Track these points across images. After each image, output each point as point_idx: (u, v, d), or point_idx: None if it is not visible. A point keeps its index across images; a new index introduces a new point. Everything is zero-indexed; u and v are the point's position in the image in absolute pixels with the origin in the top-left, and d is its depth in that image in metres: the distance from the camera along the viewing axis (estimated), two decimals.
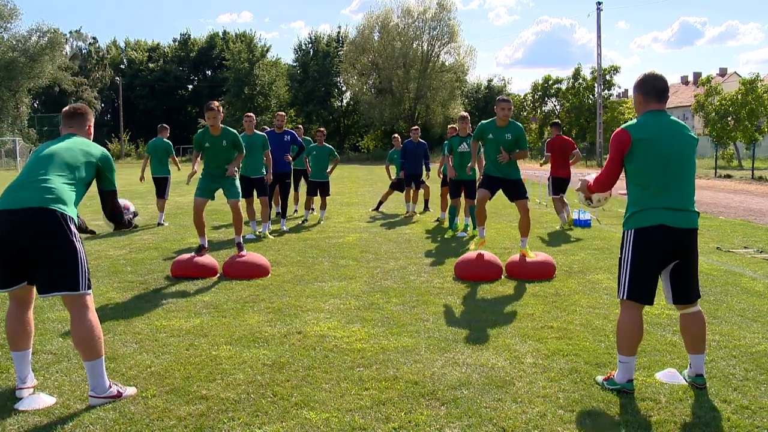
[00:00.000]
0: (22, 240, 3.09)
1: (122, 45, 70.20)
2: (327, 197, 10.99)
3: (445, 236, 9.00)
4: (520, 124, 6.57)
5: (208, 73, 68.71)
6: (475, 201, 6.71)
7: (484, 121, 6.66)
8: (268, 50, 61.16)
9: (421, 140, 11.17)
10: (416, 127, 11.65)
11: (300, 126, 11.80)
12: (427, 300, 5.37)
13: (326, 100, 60.31)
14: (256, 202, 9.21)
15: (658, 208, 3.27)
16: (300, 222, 10.85)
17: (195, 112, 65.12)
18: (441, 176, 10.96)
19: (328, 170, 11.07)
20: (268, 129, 9.82)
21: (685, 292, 3.39)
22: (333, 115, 62.54)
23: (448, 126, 10.43)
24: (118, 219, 3.67)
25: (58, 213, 3.12)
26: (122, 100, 56.47)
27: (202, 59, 68.11)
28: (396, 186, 12.51)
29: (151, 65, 66.61)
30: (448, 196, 9.94)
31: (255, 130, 8.75)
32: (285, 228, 9.55)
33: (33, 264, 3.14)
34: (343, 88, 61.94)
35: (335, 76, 59.51)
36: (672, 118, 3.41)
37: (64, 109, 3.51)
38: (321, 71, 58.39)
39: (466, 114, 9.06)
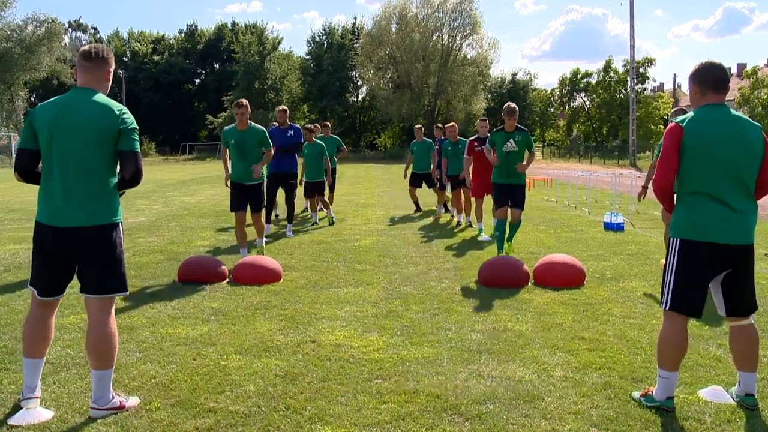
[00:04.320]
0: (70, 251, 3.22)
1: (125, 36, 70.79)
2: (321, 196, 10.85)
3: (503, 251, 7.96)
4: (526, 130, 7.49)
5: (216, 66, 69.10)
6: (495, 212, 7.73)
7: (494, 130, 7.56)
8: (279, 42, 61.41)
9: (461, 137, 10.95)
10: (453, 123, 11.26)
11: (313, 126, 11.14)
12: (449, 307, 5.33)
13: (341, 95, 60.46)
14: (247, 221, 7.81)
15: (708, 219, 3.13)
16: (310, 225, 10.86)
17: (203, 107, 65.42)
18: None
19: (336, 160, 11.72)
20: (275, 125, 9.83)
21: (741, 304, 3.26)
22: (348, 111, 62.71)
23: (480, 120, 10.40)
24: (135, 183, 3.34)
25: (105, 226, 3.23)
26: (125, 94, 56.90)
27: (210, 51, 68.55)
28: (422, 184, 12.45)
29: (155, 58, 66.98)
30: (473, 201, 9.99)
31: (251, 123, 7.23)
32: (290, 234, 9.53)
33: (80, 268, 3.27)
34: (359, 83, 62.10)
35: (351, 69, 59.69)
36: (734, 113, 3.23)
37: (82, 49, 3.35)
38: (336, 65, 58.55)
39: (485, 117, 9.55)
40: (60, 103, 3.25)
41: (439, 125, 13.50)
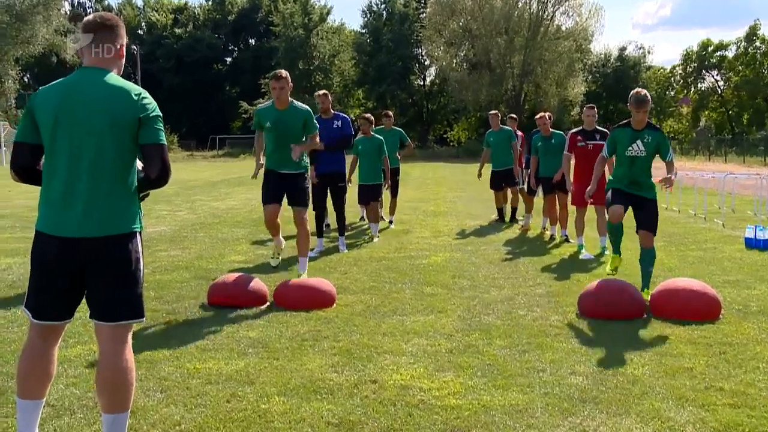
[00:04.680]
0: (77, 266, 3.24)
1: (140, 4, 72.59)
2: (376, 204, 10.91)
3: (608, 271, 7.42)
4: (659, 128, 6.94)
5: (252, 41, 70.52)
6: (607, 216, 6.95)
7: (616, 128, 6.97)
8: (328, 12, 62.44)
9: (555, 131, 10.79)
10: (543, 114, 10.88)
11: (365, 117, 11.02)
12: (543, 343, 5.27)
13: (404, 77, 60.87)
14: (286, 216, 7.78)
15: None
16: (368, 238, 10.93)
17: (235, 92, 66.63)
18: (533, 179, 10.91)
19: (399, 157, 12.21)
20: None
21: None
22: (413, 97, 63.05)
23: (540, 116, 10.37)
24: (162, 183, 3.37)
25: (121, 236, 3.25)
26: (141, 75, 57.65)
27: (244, 24, 69.80)
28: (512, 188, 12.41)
29: (177, 31, 68.34)
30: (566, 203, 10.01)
31: (293, 101, 7.17)
32: (344, 249, 9.60)
33: (90, 288, 3.29)
34: (426, 63, 62.41)
35: (416, 46, 60.05)
36: None
37: (85, 19, 3.36)
38: (397, 40, 59.04)
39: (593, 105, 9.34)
40: (65, 85, 3.28)
41: (513, 115, 13.34)
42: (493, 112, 12.90)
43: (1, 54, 49.88)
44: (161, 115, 3.38)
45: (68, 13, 60.36)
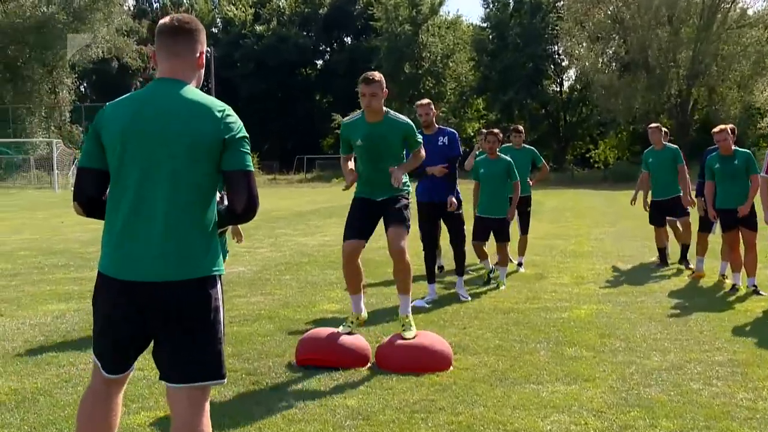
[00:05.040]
0: (144, 318, 3.37)
1: None
2: (506, 244, 10.74)
3: None
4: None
5: (347, 40, 71.91)
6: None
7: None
8: (441, 4, 63.02)
9: (738, 148, 10.36)
10: (724, 127, 10.22)
11: (493, 133, 10.87)
12: (728, 428, 5.09)
13: (535, 82, 60.62)
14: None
15: None
16: (484, 281, 10.84)
17: (327, 102, 67.74)
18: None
19: (531, 183, 12.20)
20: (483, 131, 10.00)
21: None
22: (547, 107, 62.64)
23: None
24: (249, 216, 3.49)
25: (200, 280, 3.36)
26: (215, 82, 59.01)
27: (338, 19, 71.31)
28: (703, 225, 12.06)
29: (258, 28, 70.39)
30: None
31: (388, 111, 7.08)
32: (465, 297, 9.53)
33: (158, 343, 3.42)
34: (564, 63, 61.87)
35: (551, 43, 59.75)
36: None
37: (161, 23, 3.55)
38: (528, 36, 58.95)
39: None
40: (136, 100, 3.44)
41: (519, 127, 12.75)
42: (653, 125, 12.55)
43: (55, 60, 52.02)
44: (248, 136, 3.48)
45: (132, 8, 62.62)
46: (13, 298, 9.72)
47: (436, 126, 9.61)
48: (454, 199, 9.25)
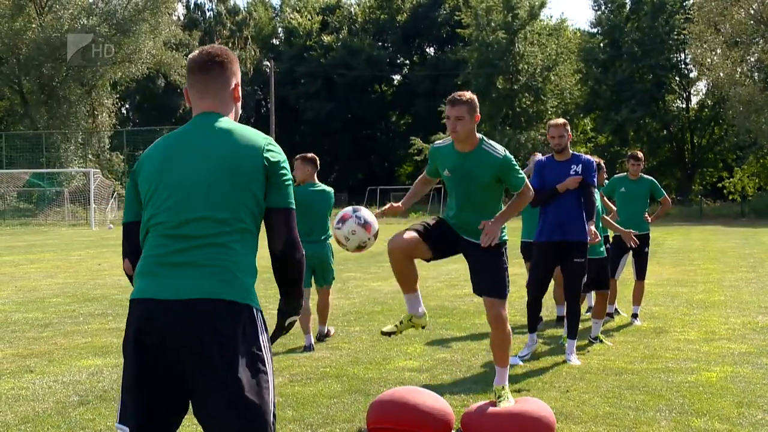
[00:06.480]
0: (176, 351, 3.39)
1: (277, 3, 76.10)
2: (606, 293, 10.46)
3: None
4: None
5: (429, 51, 72.11)
6: None
7: None
8: (543, 6, 62.60)
9: None
10: None
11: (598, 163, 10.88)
12: None
13: (656, 98, 60.03)
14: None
15: None
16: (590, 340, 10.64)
17: (405, 123, 67.88)
18: None
19: (650, 219, 12.03)
20: (540, 157, 9.80)
21: None
22: (669, 126, 61.94)
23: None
24: (297, 275, 3.62)
25: (242, 308, 3.40)
26: (275, 101, 59.80)
27: (419, 27, 71.75)
28: None
29: (326, 39, 71.09)
30: None
31: (483, 139, 7.04)
32: (574, 360, 9.25)
33: (197, 406, 3.45)
34: (692, 74, 61.02)
35: (676, 50, 58.96)
36: None
37: (190, 58, 3.73)
38: (647, 43, 58.42)
39: None
40: (170, 138, 3.60)
41: (639, 154, 12.29)
42: None
43: (95, 78, 53.37)
44: (289, 167, 3.62)
45: (182, 18, 63.60)
46: (45, 351, 9.86)
47: (570, 152, 9.27)
48: (593, 228, 9.01)
